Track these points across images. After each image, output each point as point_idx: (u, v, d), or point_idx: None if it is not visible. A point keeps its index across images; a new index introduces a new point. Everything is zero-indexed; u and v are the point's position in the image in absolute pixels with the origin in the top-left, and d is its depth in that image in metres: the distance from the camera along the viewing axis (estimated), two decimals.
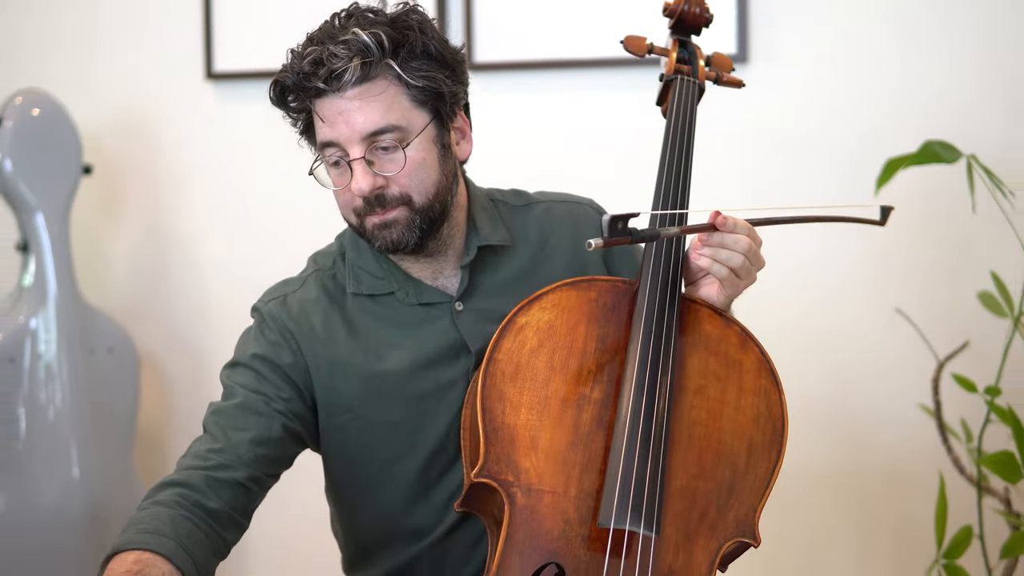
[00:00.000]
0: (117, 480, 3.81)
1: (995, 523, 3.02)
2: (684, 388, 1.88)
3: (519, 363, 1.87)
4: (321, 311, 2.09)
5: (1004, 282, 2.97)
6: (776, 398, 1.91)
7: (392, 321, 2.08)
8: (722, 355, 1.91)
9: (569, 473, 1.81)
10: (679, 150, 2.09)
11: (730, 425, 1.87)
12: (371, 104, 1.94)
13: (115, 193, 4.22)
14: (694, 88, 2.17)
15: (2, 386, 3.64)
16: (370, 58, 1.92)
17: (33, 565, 3.65)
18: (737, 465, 1.85)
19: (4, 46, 4.30)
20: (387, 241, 1.99)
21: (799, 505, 3.49)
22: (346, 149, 1.96)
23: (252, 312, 2.15)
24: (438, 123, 2.01)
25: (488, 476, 1.80)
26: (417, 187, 1.97)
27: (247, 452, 1.96)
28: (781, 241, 3.45)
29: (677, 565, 1.79)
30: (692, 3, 2.21)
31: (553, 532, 1.78)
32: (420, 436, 2.06)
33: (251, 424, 1.99)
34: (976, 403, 2.95)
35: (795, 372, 3.37)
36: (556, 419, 1.84)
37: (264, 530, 4.00)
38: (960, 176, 2.91)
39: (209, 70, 4.02)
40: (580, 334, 1.89)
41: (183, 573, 1.80)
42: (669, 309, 1.90)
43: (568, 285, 1.93)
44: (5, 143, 3.68)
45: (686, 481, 1.82)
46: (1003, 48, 3.26)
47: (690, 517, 1.81)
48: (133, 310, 4.17)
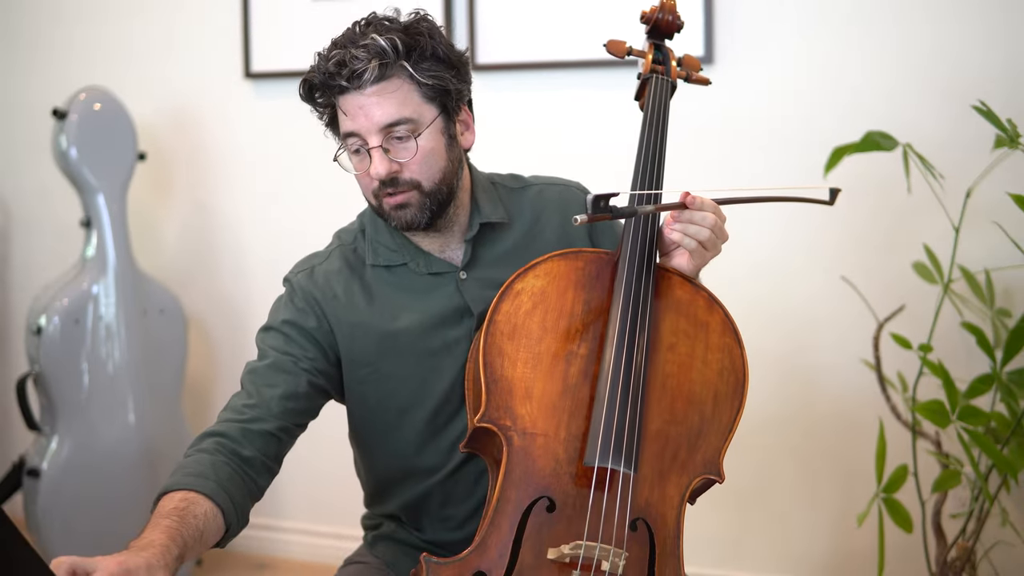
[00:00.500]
0: (168, 426, 3.82)
1: (927, 462, 3.02)
2: (658, 345, 1.89)
3: (516, 324, 1.87)
4: (343, 280, 2.10)
5: (935, 253, 2.98)
6: (738, 353, 1.91)
7: (405, 288, 2.09)
8: (691, 316, 1.92)
9: (559, 418, 1.82)
10: (654, 139, 2.09)
11: (699, 377, 1.88)
12: (387, 99, 1.94)
13: (166, 176, 4.21)
14: (667, 85, 2.17)
15: (68, 344, 3.64)
16: (386, 60, 1.93)
17: (94, 500, 3.66)
18: (705, 412, 1.86)
19: (71, 50, 4.30)
20: (402, 220, 2.00)
21: (757, 448, 3.49)
22: (365, 138, 1.97)
23: (284, 283, 2.15)
24: (445, 116, 2.01)
25: (489, 421, 1.82)
26: (426, 173, 1.98)
27: (277, 406, 1.97)
28: (743, 220, 3.45)
29: (653, 498, 1.80)
30: (665, 11, 2.21)
31: (545, 470, 1.79)
32: (429, 387, 2.07)
33: (280, 382, 2.00)
34: (911, 359, 2.95)
35: (753, 332, 3.37)
36: (548, 372, 1.85)
37: (296, 472, 4.01)
38: (897, 162, 2.91)
39: (247, 70, 4.01)
40: (569, 298, 1.90)
41: (222, 510, 1.82)
42: (646, 276, 1.90)
43: (559, 256, 1.94)
44: (71, 133, 3.68)
45: (660, 426, 1.83)
46: (937, 51, 3.25)
47: (664, 457, 1.82)
48: (182, 277, 4.17)
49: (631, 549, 1.77)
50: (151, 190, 4.19)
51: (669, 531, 1.80)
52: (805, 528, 3.51)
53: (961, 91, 3.11)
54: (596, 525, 1.76)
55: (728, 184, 3.42)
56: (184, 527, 1.74)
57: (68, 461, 3.61)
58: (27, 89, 4.39)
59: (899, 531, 2.84)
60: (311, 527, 4.10)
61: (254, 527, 4.23)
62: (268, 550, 4.14)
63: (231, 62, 4.06)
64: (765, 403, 3.48)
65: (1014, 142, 2.66)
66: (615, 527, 1.76)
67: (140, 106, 3.97)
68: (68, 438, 3.63)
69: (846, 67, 3.36)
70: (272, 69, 3.99)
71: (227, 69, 4.07)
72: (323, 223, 4.00)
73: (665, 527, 1.80)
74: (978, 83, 3.13)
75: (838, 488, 3.47)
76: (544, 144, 3.63)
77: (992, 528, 3.06)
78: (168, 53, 4.17)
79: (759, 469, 3.53)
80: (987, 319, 3.03)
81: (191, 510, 1.77)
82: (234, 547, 4.22)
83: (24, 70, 4.41)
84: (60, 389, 3.62)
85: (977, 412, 2.69)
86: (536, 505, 1.78)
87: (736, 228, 3.45)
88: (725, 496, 3.58)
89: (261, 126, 4.06)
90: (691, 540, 3.52)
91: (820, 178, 2.97)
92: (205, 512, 1.80)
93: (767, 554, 3.56)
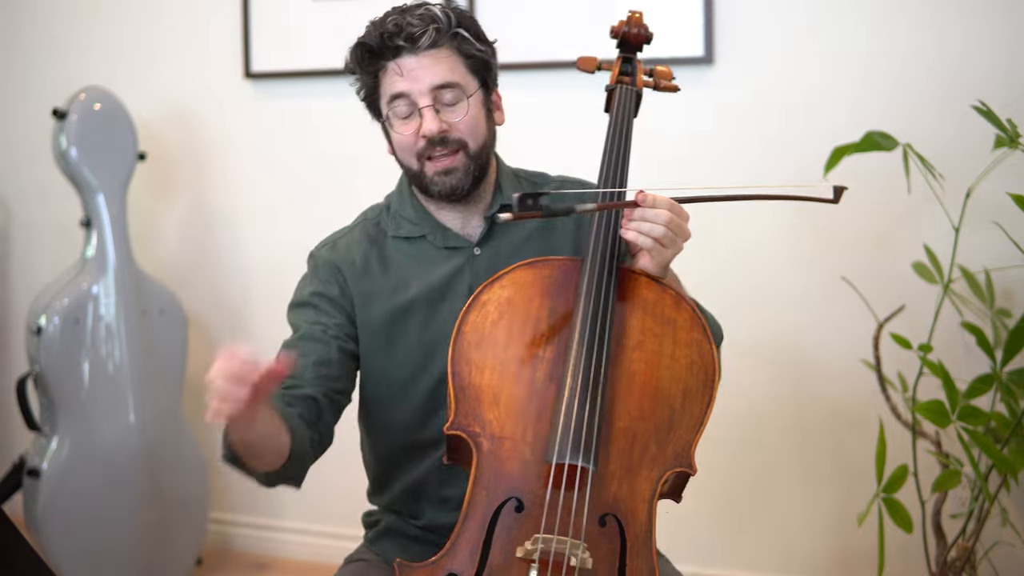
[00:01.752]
0: (168, 424, 3.82)
1: (927, 462, 3.02)
2: (625, 345, 1.92)
3: (483, 333, 1.92)
4: (363, 250, 2.17)
5: (935, 253, 2.98)
6: (707, 347, 1.93)
7: (419, 259, 2.15)
8: (658, 315, 1.94)
9: (526, 422, 1.86)
10: (617, 145, 2.13)
11: (667, 373, 1.90)
12: (439, 63, 2.04)
13: (166, 176, 4.21)
14: (632, 94, 2.22)
15: (69, 344, 3.64)
16: (440, 26, 2.03)
17: (94, 500, 3.66)
18: (674, 406, 1.88)
19: (71, 50, 4.31)
20: (446, 186, 2.07)
21: (757, 448, 3.50)
22: (416, 99, 2.04)
23: (308, 259, 2.22)
24: (484, 90, 2.11)
25: (458, 428, 1.86)
26: (472, 134, 2.07)
27: (311, 373, 2.03)
28: (742, 219, 3.46)
29: (622, 493, 1.82)
30: (632, 25, 2.28)
31: (513, 472, 1.83)
32: (432, 359, 2.11)
33: (312, 350, 2.06)
34: (911, 358, 2.95)
35: (753, 332, 3.39)
36: (514, 377, 1.89)
37: None
38: (897, 162, 2.91)
39: (247, 70, 4.02)
40: (535, 305, 1.94)
41: (291, 428, 1.90)
42: (607, 278, 1.94)
43: (525, 265, 1.98)
44: (71, 133, 3.68)
45: (628, 423, 1.86)
46: (937, 51, 3.25)
47: (632, 453, 1.85)
48: (181, 277, 4.17)
49: (601, 544, 1.79)
50: (151, 190, 4.19)
51: (640, 525, 1.82)
52: (805, 528, 3.51)
53: (961, 91, 3.10)
54: (553, 519, 1.79)
55: (727, 183, 3.42)
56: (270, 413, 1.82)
57: (68, 461, 3.61)
58: (27, 89, 4.40)
59: (899, 531, 2.84)
60: (311, 527, 4.10)
61: (254, 527, 4.26)
62: (268, 550, 4.15)
63: (231, 62, 4.06)
64: (765, 403, 3.48)
65: (1014, 142, 2.66)
66: (575, 521, 1.79)
67: (140, 106, 3.97)
68: (68, 438, 3.63)
69: (846, 67, 3.36)
70: (272, 69, 3.99)
71: (227, 69, 4.07)
72: (323, 222, 4.00)
73: (636, 521, 1.82)
74: (978, 83, 3.13)
75: (838, 488, 3.47)
76: (544, 142, 3.63)
77: (992, 528, 3.06)
78: (168, 53, 4.17)
79: (759, 469, 3.53)
80: (987, 319, 3.03)
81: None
82: (234, 547, 4.24)
83: (24, 70, 4.41)
84: (60, 389, 3.62)
85: (977, 412, 2.69)
86: (505, 506, 1.81)
87: (736, 228, 3.47)
88: (725, 496, 3.59)
89: (261, 126, 4.06)
90: (691, 540, 3.54)
91: (820, 178, 2.97)
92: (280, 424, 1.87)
93: (767, 554, 3.56)
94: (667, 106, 3.49)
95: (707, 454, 3.47)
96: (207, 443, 4.12)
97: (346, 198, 4.03)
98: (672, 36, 3.46)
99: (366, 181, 3.91)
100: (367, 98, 2.14)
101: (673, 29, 3.46)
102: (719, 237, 3.41)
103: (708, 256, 3.17)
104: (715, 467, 3.57)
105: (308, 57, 3.94)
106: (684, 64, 3.47)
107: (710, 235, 3.05)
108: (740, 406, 3.38)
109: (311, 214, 3.96)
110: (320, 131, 3.98)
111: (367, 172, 3.90)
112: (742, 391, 3.34)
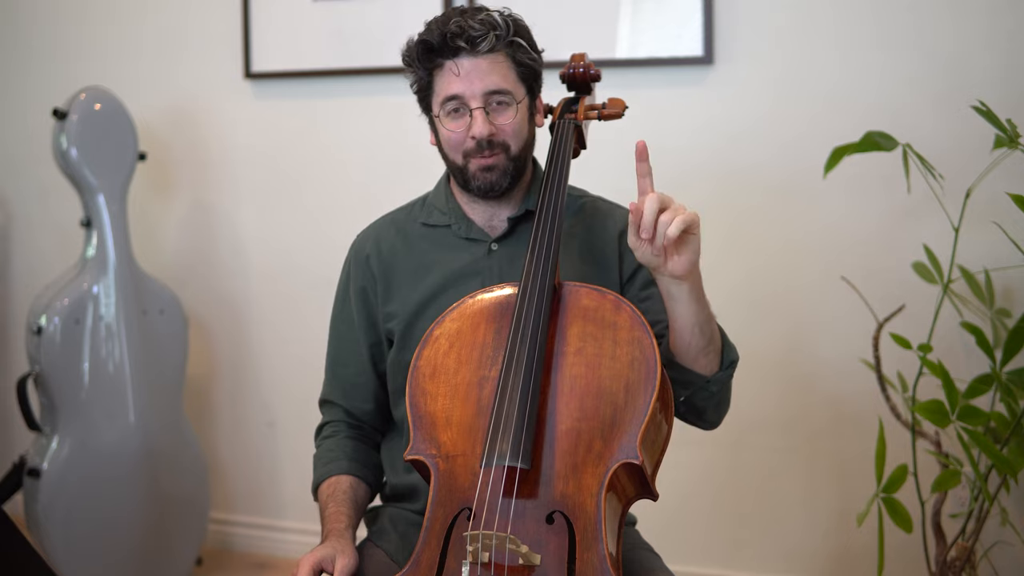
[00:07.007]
0: (168, 426, 3.82)
1: (927, 462, 3.02)
2: (565, 352, 1.99)
3: (436, 365, 2.03)
4: (391, 236, 2.32)
5: (935, 253, 2.98)
6: (648, 343, 1.97)
7: (440, 245, 2.27)
8: (598, 320, 2.01)
9: (475, 437, 1.95)
10: (554, 173, 2.19)
11: (607, 372, 1.95)
12: (496, 68, 2.14)
13: (166, 176, 4.22)
14: (570, 126, 2.29)
15: (69, 344, 3.64)
16: (499, 33, 2.12)
17: (94, 500, 3.66)
18: (617, 402, 1.93)
19: (71, 50, 4.31)
20: (486, 181, 2.17)
21: (757, 448, 3.50)
22: (468, 101, 2.13)
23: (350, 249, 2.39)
24: (530, 98, 2.22)
25: (417, 453, 1.97)
26: (515, 137, 2.17)
27: (370, 406, 2.36)
28: (743, 220, 3.46)
29: (568, 490, 1.88)
30: (576, 67, 2.38)
31: (464, 484, 1.92)
32: None
33: (351, 362, 2.35)
34: (910, 358, 2.95)
35: (753, 332, 3.39)
36: (464, 398, 1.98)
37: (296, 472, 4.01)
38: (897, 162, 2.91)
39: (247, 70, 4.02)
40: (481, 331, 2.04)
41: (358, 477, 2.26)
42: (539, 293, 2.01)
43: (470, 297, 2.09)
44: (71, 134, 3.68)
45: (571, 424, 1.92)
46: (937, 51, 3.25)
47: (577, 452, 1.90)
48: (181, 277, 4.17)
49: (550, 541, 1.84)
50: (151, 190, 4.19)
51: (589, 519, 1.85)
52: (805, 528, 3.51)
53: (961, 91, 3.11)
54: (492, 519, 1.85)
55: (729, 184, 3.42)
56: (339, 504, 2.19)
57: (68, 461, 3.61)
58: (27, 89, 4.40)
59: (899, 531, 2.84)
60: (311, 527, 4.08)
61: (254, 527, 4.26)
62: (268, 550, 4.15)
63: (231, 62, 4.06)
64: (764, 403, 3.48)
65: (1014, 142, 2.66)
66: (515, 520, 1.85)
67: (140, 106, 3.97)
68: (68, 438, 3.63)
69: (846, 67, 3.36)
70: (272, 69, 3.99)
71: (227, 69, 4.07)
72: (323, 222, 4.02)
73: (584, 516, 1.86)
74: (978, 83, 3.14)
75: (838, 488, 3.47)
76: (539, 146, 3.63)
77: (992, 528, 3.06)
78: (168, 53, 4.17)
79: (759, 469, 3.54)
80: (987, 319, 3.03)
81: (338, 489, 2.22)
82: (234, 547, 4.24)
83: (24, 70, 4.41)
84: (60, 389, 3.62)
85: (977, 412, 2.69)
86: (459, 517, 1.89)
87: (736, 228, 3.47)
88: (725, 496, 3.59)
89: (261, 126, 4.06)
90: (691, 540, 3.54)
91: (820, 178, 2.97)
92: (349, 485, 2.23)
93: (767, 554, 3.56)
94: (667, 106, 3.51)
95: (707, 454, 3.49)
96: (207, 443, 4.12)
97: (346, 198, 4.06)
98: (672, 36, 3.46)
99: (366, 181, 3.93)
100: (419, 92, 2.22)
101: (673, 29, 3.46)
102: (719, 236, 3.41)
103: (707, 255, 3.16)
104: (715, 467, 3.58)
105: (308, 57, 3.94)
106: (684, 64, 3.47)
107: (710, 234, 3.04)
108: (740, 406, 3.37)
109: (311, 214, 3.97)
110: (320, 131, 3.98)
111: (367, 172, 3.91)
112: (742, 391, 3.33)
